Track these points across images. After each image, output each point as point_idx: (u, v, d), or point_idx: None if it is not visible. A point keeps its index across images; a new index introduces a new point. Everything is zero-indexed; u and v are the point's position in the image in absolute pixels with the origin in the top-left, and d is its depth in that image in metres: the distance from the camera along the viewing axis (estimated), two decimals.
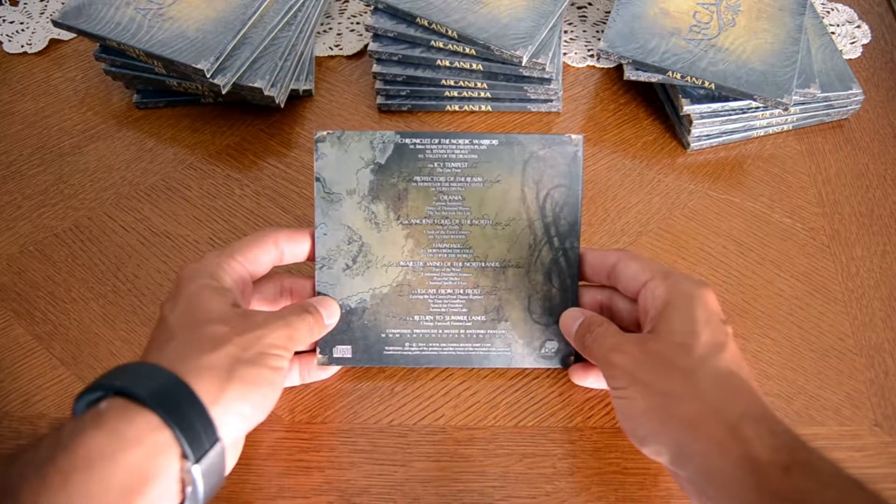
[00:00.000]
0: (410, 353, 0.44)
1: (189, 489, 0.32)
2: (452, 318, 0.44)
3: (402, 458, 0.42)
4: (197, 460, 0.31)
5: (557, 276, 0.44)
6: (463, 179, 0.44)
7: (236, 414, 0.34)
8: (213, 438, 0.32)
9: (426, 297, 0.44)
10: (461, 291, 0.44)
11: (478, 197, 0.44)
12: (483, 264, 0.44)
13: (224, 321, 0.36)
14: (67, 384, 0.45)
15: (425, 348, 0.44)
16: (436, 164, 0.43)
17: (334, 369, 0.45)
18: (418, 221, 0.43)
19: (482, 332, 0.44)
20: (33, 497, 0.28)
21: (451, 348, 0.44)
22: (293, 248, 0.43)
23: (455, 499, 0.41)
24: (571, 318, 0.42)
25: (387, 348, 0.44)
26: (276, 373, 0.36)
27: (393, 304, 0.44)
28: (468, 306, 0.44)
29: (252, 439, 0.43)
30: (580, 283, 0.44)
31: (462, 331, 0.44)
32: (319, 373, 0.44)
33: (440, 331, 0.44)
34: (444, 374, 0.45)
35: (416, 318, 0.44)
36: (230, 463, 0.35)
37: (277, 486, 0.41)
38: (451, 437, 0.43)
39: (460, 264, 0.44)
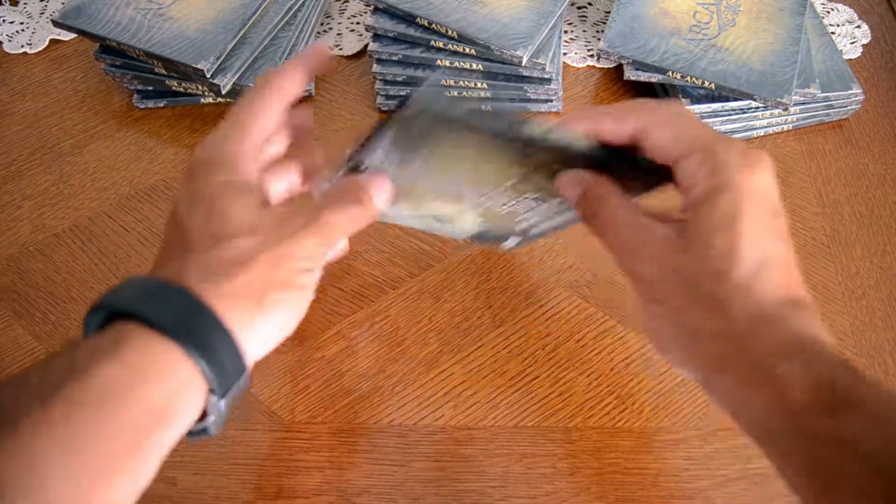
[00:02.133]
0: None
1: (212, 418, 0.30)
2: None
3: (402, 458, 0.42)
4: (223, 395, 0.29)
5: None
6: None
7: (262, 339, 0.31)
8: (241, 368, 0.30)
9: None
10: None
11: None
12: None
13: (252, 231, 0.32)
14: None
15: None
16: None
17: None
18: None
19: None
20: (32, 429, 0.25)
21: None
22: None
23: (455, 499, 0.41)
24: (569, 188, 0.36)
25: None
26: (304, 291, 0.33)
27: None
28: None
29: (252, 439, 0.43)
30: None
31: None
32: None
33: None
34: (444, 374, 0.45)
35: None
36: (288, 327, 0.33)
37: (277, 486, 0.41)
38: (451, 437, 0.43)
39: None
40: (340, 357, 0.46)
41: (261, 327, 0.31)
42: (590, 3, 0.67)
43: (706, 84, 0.54)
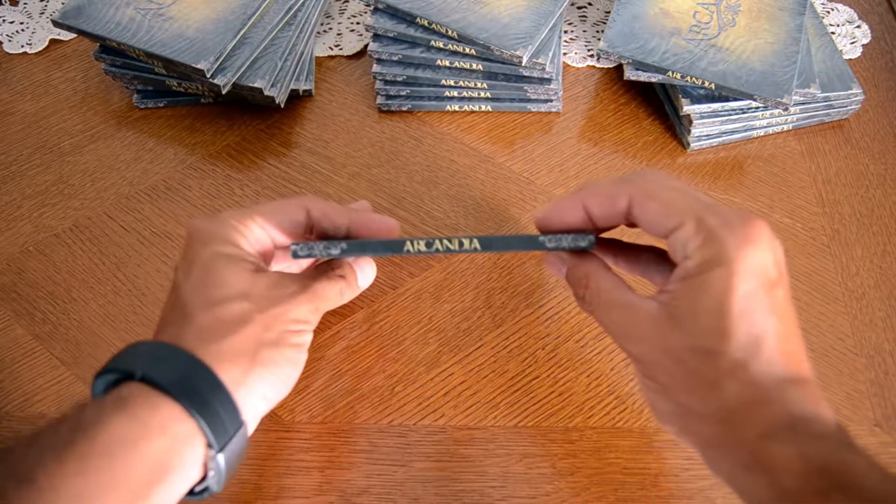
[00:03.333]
0: None
1: (212, 473, 0.31)
2: None
3: (402, 458, 0.42)
4: (221, 448, 0.31)
5: None
6: None
7: (259, 396, 0.33)
8: (237, 423, 0.32)
9: None
10: None
11: None
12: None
13: (244, 296, 0.33)
14: (67, 384, 0.45)
15: None
16: None
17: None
18: None
19: None
20: (50, 482, 0.27)
21: None
22: (327, 224, 0.38)
23: (455, 499, 0.41)
24: (554, 268, 0.37)
25: None
26: (299, 350, 0.35)
27: None
28: None
29: (252, 439, 0.43)
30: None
31: None
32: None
33: None
34: (444, 374, 0.45)
35: None
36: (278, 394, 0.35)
37: (277, 486, 0.41)
38: (451, 437, 0.43)
39: None
40: (340, 357, 0.46)
41: (257, 384, 0.33)
42: (590, 3, 0.67)
43: (706, 84, 0.54)
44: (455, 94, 0.58)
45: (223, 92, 0.54)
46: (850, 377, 0.45)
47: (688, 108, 0.55)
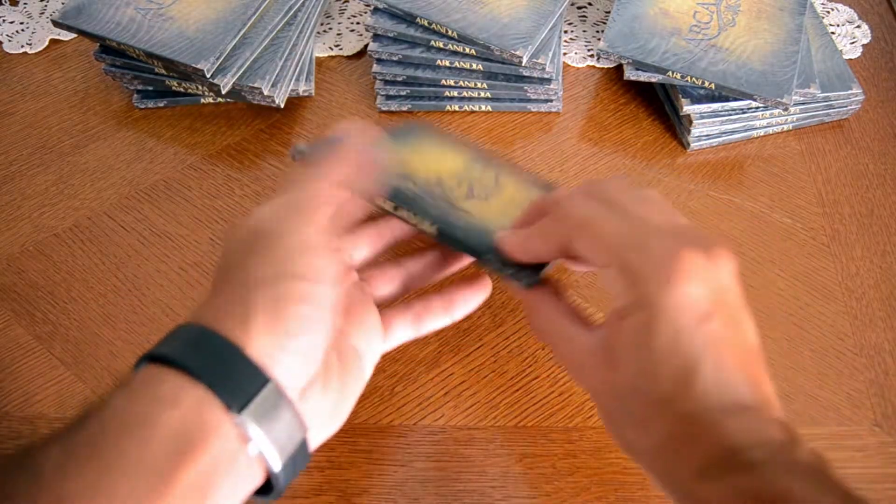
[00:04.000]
0: None
1: (251, 446, 0.27)
2: None
3: (402, 458, 0.42)
4: (241, 408, 0.27)
5: None
6: None
7: (277, 348, 0.28)
8: (260, 380, 0.27)
9: None
10: None
11: None
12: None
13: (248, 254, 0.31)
14: (67, 384, 0.45)
15: None
16: None
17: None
18: None
19: None
20: (59, 473, 0.24)
21: None
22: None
23: (455, 499, 0.41)
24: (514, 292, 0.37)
25: None
26: (303, 283, 0.30)
27: None
28: None
29: None
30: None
31: None
32: (440, 316, 0.40)
33: None
34: (444, 374, 0.45)
35: None
36: (337, 403, 0.32)
37: None
38: (451, 437, 0.43)
39: None
40: None
41: (263, 333, 0.29)
42: (590, 3, 0.67)
43: (706, 84, 0.54)
44: (455, 94, 0.58)
45: (223, 92, 0.54)
46: (850, 377, 0.45)
47: (688, 108, 0.55)
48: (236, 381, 0.27)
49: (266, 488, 0.29)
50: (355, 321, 0.36)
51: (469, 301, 0.41)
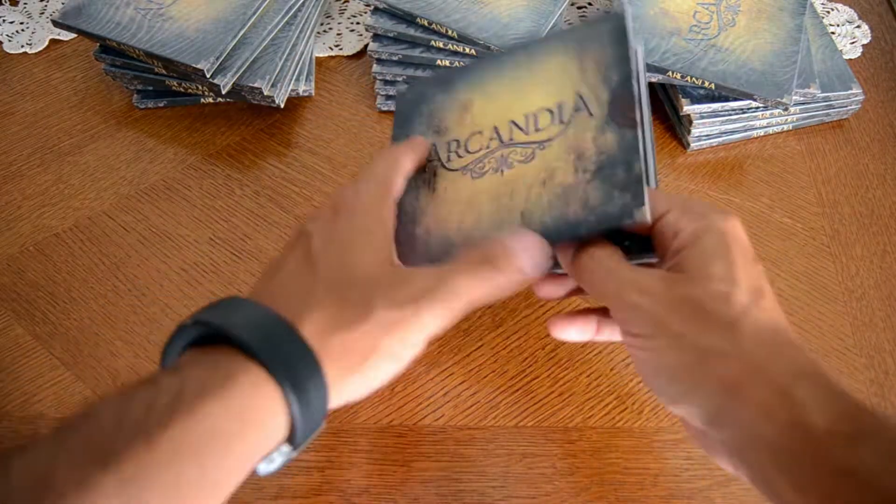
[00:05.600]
0: None
1: (273, 464, 0.29)
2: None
3: (402, 458, 0.42)
4: (296, 446, 0.29)
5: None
6: None
7: (344, 397, 0.31)
8: (320, 424, 0.30)
9: None
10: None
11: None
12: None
13: (376, 284, 0.31)
14: (67, 384, 0.45)
15: None
16: None
17: None
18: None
19: None
20: (138, 471, 0.24)
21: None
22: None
23: (455, 499, 0.41)
24: (561, 252, 0.35)
25: None
26: (401, 364, 0.32)
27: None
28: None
29: None
30: None
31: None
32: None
33: None
34: (444, 374, 0.45)
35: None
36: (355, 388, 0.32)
37: (277, 486, 0.41)
38: (451, 437, 0.43)
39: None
40: None
41: (348, 388, 0.30)
42: (590, 3, 0.67)
43: (706, 84, 0.54)
44: None
45: (223, 92, 0.54)
46: (850, 377, 0.45)
47: (688, 108, 0.55)
48: (313, 424, 0.29)
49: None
50: None
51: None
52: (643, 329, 0.31)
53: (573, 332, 0.38)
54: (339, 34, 0.65)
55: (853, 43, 0.64)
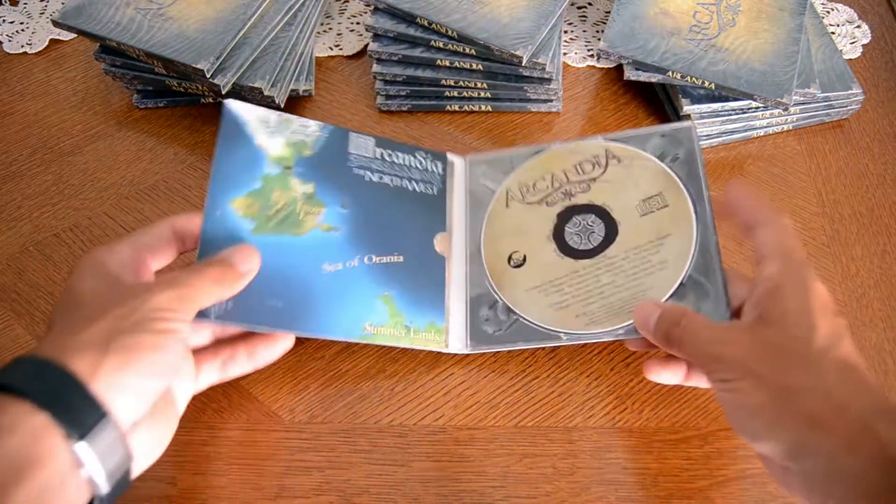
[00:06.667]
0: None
1: (83, 471, 0.30)
2: None
3: (402, 458, 0.42)
4: (81, 437, 0.30)
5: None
6: None
7: (123, 387, 0.32)
8: (98, 413, 0.30)
9: None
10: None
11: None
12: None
13: (99, 297, 0.34)
14: None
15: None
16: None
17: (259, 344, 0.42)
18: None
19: None
20: None
21: None
22: (189, 226, 0.41)
23: (455, 499, 0.41)
24: (646, 312, 0.40)
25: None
26: (161, 336, 0.33)
27: None
28: None
29: (252, 439, 0.43)
30: None
31: None
32: (243, 363, 0.42)
33: None
34: (444, 374, 0.45)
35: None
36: (157, 438, 0.35)
37: (277, 486, 0.41)
38: (451, 437, 0.43)
39: None
40: (340, 357, 0.46)
41: (112, 371, 0.31)
42: (590, 3, 0.67)
43: (706, 84, 0.54)
44: (455, 93, 0.58)
45: (223, 92, 0.54)
46: None
47: (688, 108, 0.55)
48: (78, 411, 0.30)
49: None
50: None
51: (270, 352, 0.43)
52: (730, 374, 0.34)
53: (667, 375, 0.42)
54: (339, 34, 0.65)
55: (853, 43, 0.64)
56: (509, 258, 0.47)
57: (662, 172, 0.46)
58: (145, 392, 0.33)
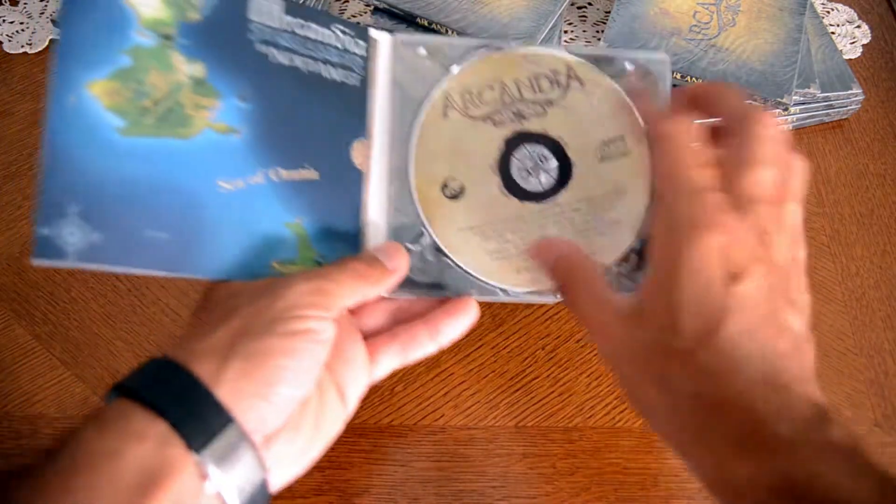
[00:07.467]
0: None
1: (208, 485, 0.28)
2: None
3: (402, 458, 0.42)
4: (203, 446, 0.28)
5: None
6: None
7: (249, 394, 0.29)
8: (223, 420, 0.28)
9: None
10: None
11: None
12: None
13: (234, 294, 0.32)
14: (67, 384, 0.45)
15: None
16: None
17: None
18: None
19: None
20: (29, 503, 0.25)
21: None
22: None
23: (455, 499, 0.41)
24: (541, 253, 0.36)
25: None
26: (293, 339, 0.30)
27: None
28: None
29: None
30: None
31: None
32: (426, 344, 0.38)
33: None
34: (444, 374, 0.45)
35: None
36: (303, 448, 0.32)
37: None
38: (451, 437, 0.43)
39: None
40: None
41: (235, 377, 0.29)
42: (590, 3, 0.67)
43: None
44: None
45: None
46: (850, 377, 0.45)
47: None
48: (199, 419, 0.28)
49: None
50: (341, 357, 0.35)
51: (455, 327, 0.38)
52: (610, 365, 0.33)
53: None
54: None
55: (853, 43, 0.64)
56: (444, 185, 0.38)
57: (628, 110, 0.38)
58: (278, 401, 0.30)
